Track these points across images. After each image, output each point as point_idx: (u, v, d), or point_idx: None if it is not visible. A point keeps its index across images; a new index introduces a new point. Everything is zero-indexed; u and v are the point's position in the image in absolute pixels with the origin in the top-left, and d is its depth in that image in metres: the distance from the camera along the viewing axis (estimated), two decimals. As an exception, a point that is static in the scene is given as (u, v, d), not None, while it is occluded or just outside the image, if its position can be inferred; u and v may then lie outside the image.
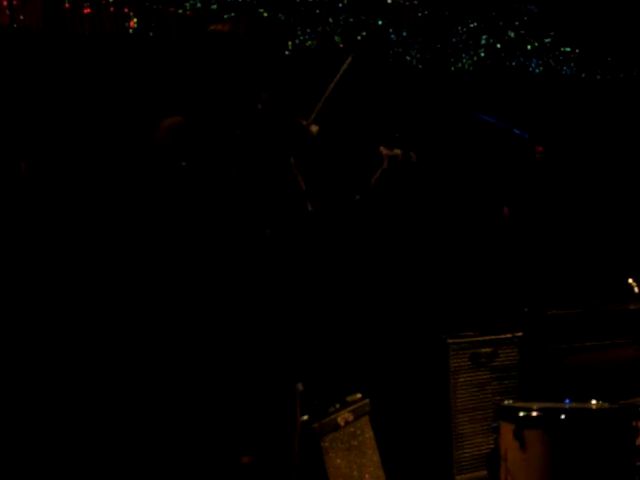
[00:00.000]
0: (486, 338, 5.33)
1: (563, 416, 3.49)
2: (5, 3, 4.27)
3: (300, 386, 3.42)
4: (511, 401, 3.89)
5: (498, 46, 6.04)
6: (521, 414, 3.52)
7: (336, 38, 5.25)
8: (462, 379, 5.23)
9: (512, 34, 6.12)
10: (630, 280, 4.30)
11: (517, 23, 6.14)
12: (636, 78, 6.65)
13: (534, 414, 3.53)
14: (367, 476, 4.63)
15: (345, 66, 3.31)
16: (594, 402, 3.63)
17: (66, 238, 4.44)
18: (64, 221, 4.46)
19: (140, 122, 4.64)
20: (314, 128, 3.29)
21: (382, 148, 3.35)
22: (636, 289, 4.28)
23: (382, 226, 5.33)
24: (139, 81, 4.66)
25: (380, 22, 5.49)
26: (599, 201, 6.40)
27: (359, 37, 5.38)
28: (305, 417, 4.44)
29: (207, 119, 3.27)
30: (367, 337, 5.39)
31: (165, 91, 4.65)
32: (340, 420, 4.56)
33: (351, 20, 5.31)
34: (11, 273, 4.31)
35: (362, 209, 3.50)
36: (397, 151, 3.34)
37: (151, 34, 4.68)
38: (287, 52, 5.10)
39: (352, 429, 4.62)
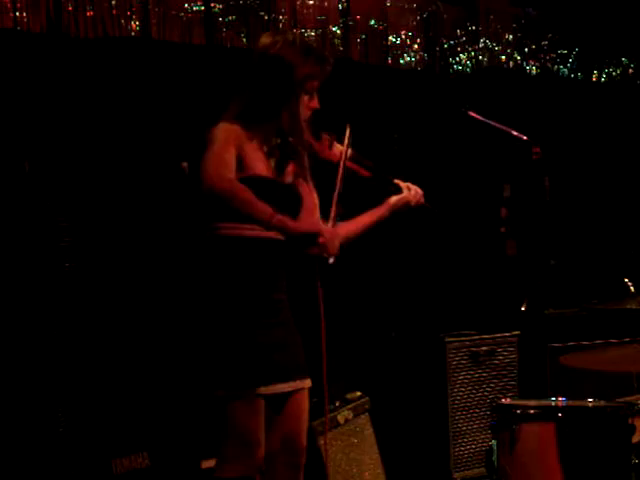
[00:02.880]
0: (484, 337, 5.35)
1: (560, 414, 3.51)
2: (9, 6, 4.29)
3: (309, 382, 3.47)
4: (509, 399, 3.91)
5: (496, 48, 6.06)
6: (518, 412, 3.53)
7: (335, 41, 5.27)
8: (460, 377, 5.24)
9: (510, 37, 6.14)
10: (626, 279, 4.32)
11: (515, 25, 6.16)
12: (633, 79, 6.67)
13: (531, 412, 3.55)
14: (367, 474, 4.65)
15: (346, 141, 3.45)
16: (591, 400, 3.65)
17: (69, 236, 4.45)
18: (66, 220, 4.47)
19: (142, 124, 4.67)
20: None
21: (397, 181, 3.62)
22: (632, 288, 4.30)
23: (380, 226, 5.34)
24: (141, 84, 4.68)
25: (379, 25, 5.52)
26: (596, 201, 6.42)
27: (359, 40, 5.40)
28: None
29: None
30: (366, 336, 5.40)
31: (167, 94, 4.68)
32: (340, 418, 4.57)
33: (351, 23, 5.33)
34: (13, 272, 4.32)
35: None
36: (411, 186, 3.63)
37: (153, 37, 4.69)
38: None
39: (352, 427, 4.63)
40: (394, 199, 3.64)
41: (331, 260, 3.40)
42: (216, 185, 3.13)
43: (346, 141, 3.47)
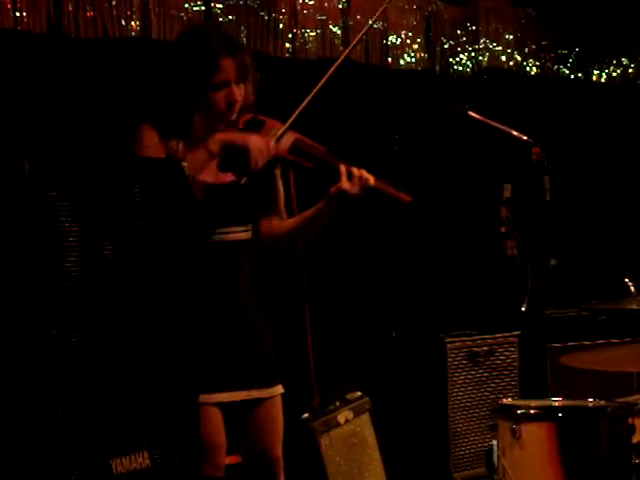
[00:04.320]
0: (483, 337, 5.36)
1: (560, 414, 3.51)
2: (9, 6, 4.29)
3: (281, 388, 3.44)
4: (509, 399, 3.91)
5: (497, 48, 6.07)
6: (519, 412, 3.53)
7: (335, 41, 5.28)
8: (459, 378, 5.25)
9: (510, 36, 6.14)
10: (626, 279, 4.32)
11: (515, 25, 6.16)
12: (633, 79, 6.68)
13: (532, 412, 3.54)
14: (367, 474, 4.65)
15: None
16: (591, 400, 3.65)
17: (69, 236, 4.45)
18: (67, 220, 4.46)
19: (141, 123, 4.67)
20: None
21: (341, 164, 3.34)
22: (632, 288, 4.29)
23: (380, 226, 5.35)
24: (141, 84, 4.68)
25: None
26: (597, 201, 6.43)
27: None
28: (305, 415, 4.46)
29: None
30: (366, 336, 5.40)
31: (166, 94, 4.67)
32: (340, 418, 4.57)
33: (351, 23, 5.34)
34: (13, 272, 4.32)
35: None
36: (354, 170, 3.33)
37: (153, 37, 4.70)
38: (287, 55, 5.12)
39: (352, 427, 4.63)
40: (331, 189, 3.29)
41: (243, 180, 3.27)
42: None
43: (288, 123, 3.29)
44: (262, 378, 3.36)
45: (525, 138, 4.16)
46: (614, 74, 6.59)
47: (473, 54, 5.97)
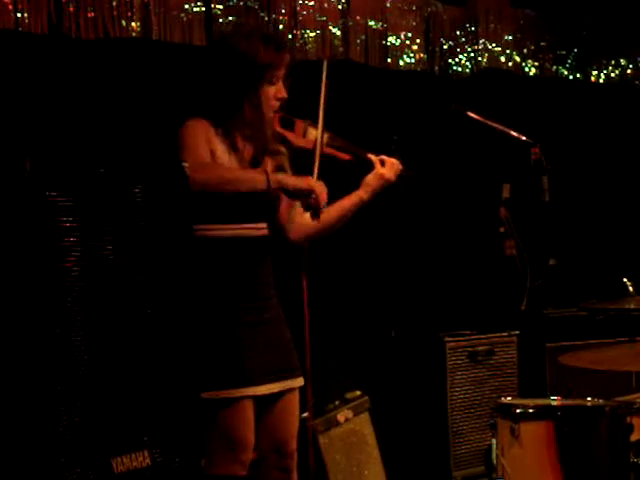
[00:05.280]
0: (483, 336, 5.37)
1: (559, 413, 3.52)
2: (10, 7, 4.31)
3: (302, 380, 3.46)
4: (508, 398, 3.92)
5: (496, 49, 6.08)
6: (518, 411, 3.54)
7: (335, 42, 5.28)
8: (459, 377, 5.26)
9: (509, 37, 6.16)
10: (625, 279, 4.33)
11: (514, 26, 6.17)
12: (631, 80, 6.69)
13: (530, 411, 3.56)
14: (366, 472, 4.66)
15: (324, 73, 3.38)
16: (589, 399, 3.67)
17: (69, 236, 4.46)
18: (67, 219, 4.47)
19: (142, 124, 4.69)
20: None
21: (370, 154, 3.44)
22: (631, 288, 4.31)
23: (380, 225, 5.36)
24: (141, 84, 4.69)
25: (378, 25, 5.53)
26: (596, 201, 6.44)
27: (358, 40, 5.42)
28: (304, 414, 4.47)
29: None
30: (366, 335, 5.41)
31: (168, 95, 4.70)
32: (340, 417, 4.58)
33: (351, 24, 5.34)
34: (13, 272, 4.33)
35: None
36: (385, 158, 3.44)
37: (153, 38, 4.71)
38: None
39: (352, 426, 4.64)
40: (368, 177, 3.47)
41: (321, 213, 3.34)
42: (195, 177, 3.10)
43: (320, 123, 3.37)
44: (292, 368, 3.42)
45: (524, 138, 4.17)
46: (612, 75, 6.61)
47: (472, 55, 5.98)
